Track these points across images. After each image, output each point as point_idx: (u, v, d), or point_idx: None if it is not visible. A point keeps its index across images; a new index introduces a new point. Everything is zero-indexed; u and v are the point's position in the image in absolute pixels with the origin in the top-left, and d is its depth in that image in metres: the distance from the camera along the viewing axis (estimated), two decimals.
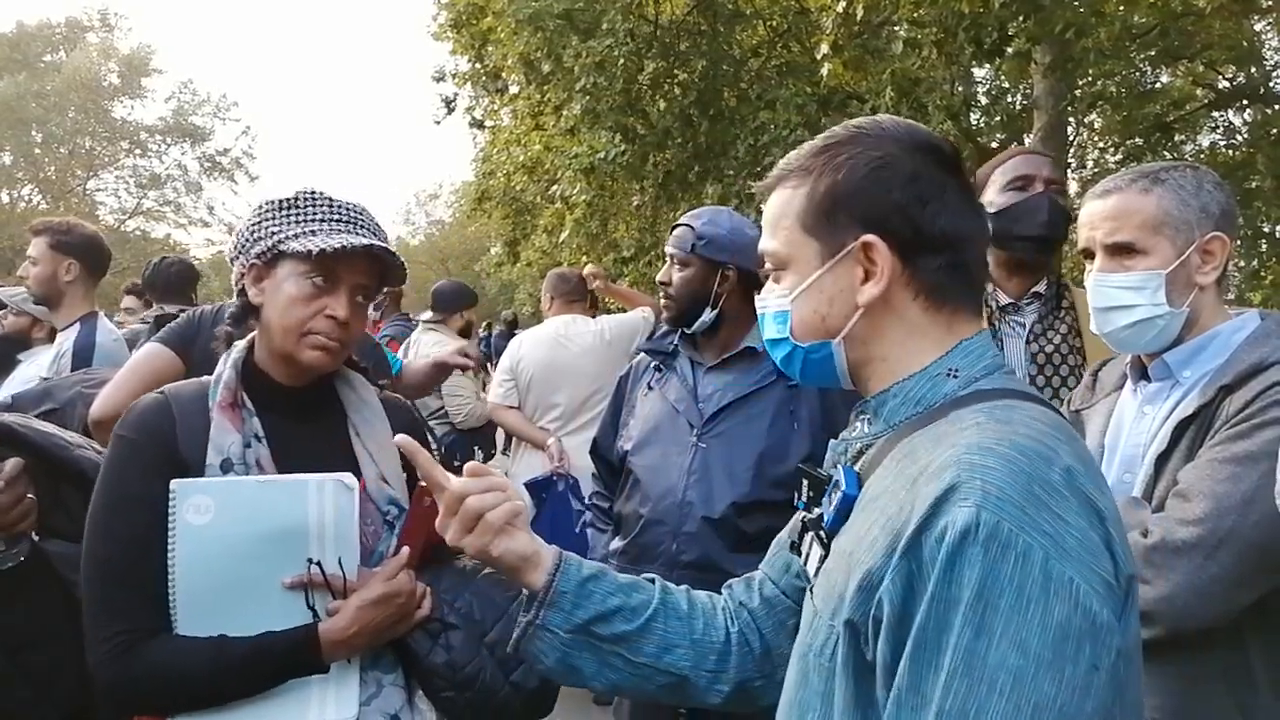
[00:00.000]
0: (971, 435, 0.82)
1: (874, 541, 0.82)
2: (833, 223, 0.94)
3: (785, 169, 1.00)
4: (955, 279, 0.95)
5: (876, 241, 0.92)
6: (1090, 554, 0.75)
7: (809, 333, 0.98)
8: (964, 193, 0.96)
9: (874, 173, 0.93)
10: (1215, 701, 1.34)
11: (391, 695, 1.39)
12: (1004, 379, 0.93)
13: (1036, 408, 0.88)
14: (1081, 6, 6.88)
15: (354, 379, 1.52)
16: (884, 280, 0.93)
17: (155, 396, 1.41)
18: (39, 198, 28.17)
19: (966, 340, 0.95)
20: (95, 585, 1.31)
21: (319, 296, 1.37)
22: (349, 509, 1.36)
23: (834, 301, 0.95)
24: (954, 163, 0.96)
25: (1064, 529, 0.75)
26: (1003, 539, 0.73)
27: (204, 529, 1.28)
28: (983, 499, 0.75)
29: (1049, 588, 0.73)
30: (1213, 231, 1.46)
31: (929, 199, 0.93)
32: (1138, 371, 1.56)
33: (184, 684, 1.29)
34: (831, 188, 0.94)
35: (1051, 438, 0.82)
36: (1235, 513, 1.30)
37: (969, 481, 0.76)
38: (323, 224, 1.38)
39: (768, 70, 9.94)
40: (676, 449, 2.13)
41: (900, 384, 0.95)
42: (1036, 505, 0.75)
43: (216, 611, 1.30)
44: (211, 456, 1.33)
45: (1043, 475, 0.77)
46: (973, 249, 0.96)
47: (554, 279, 4.36)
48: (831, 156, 0.96)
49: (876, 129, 0.97)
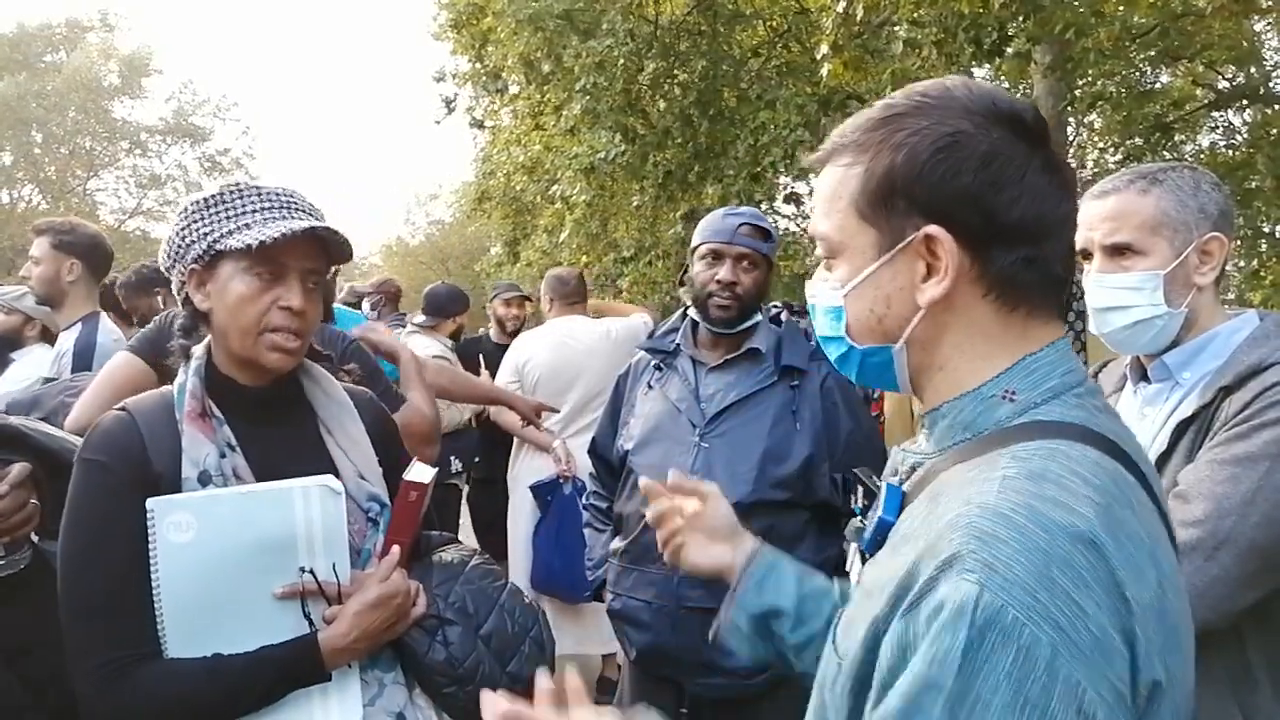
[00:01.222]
0: (991, 494, 0.70)
1: (885, 590, 0.73)
2: (891, 210, 0.82)
3: (840, 142, 0.87)
4: (1033, 275, 0.81)
5: (940, 234, 0.79)
6: (1104, 655, 0.64)
7: (865, 334, 0.86)
8: (1049, 172, 0.81)
9: (941, 153, 0.79)
10: (1216, 702, 1.34)
11: (394, 693, 1.39)
12: (1071, 405, 0.80)
13: (1089, 453, 0.74)
14: (1081, 6, 6.88)
15: (319, 375, 1.48)
16: (948, 278, 0.80)
17: (117, 414, 1.35)
18: (39, 198, 28.14)
19: (1032, 355, 0.82)
20: (78, 616, 1.26)
21: (269, 289, 1.32)
22: (337, 513, 1.33)
23: (891, 301, 0.83)
24: (1039, 134, 0.82)
25: (1081, 621, 0.64)
26: (1005, 626, 0.63)
27: (187, 547, 1.24)
28: (986, 576, 0.65)
29: (1053, 690, 0.62)
30: (1211, 232, 1.47)
31: (1006, 183, 0.79)
32: (1137, 373, 1.56)
33: (181, 708, 1.25)
34: (890, 170, 0.81)
35: (1090, 502, 0.69)
36: (1235, 514, 1.30)
37: (976, 553, 0.66)
38: (256, 215, 1.32)
39: (768, 70, 9.94)
40: (679, 448, 2.13)
41: (952, 402, 0.83)
42: (1051, 591, 0.64)
43: (208, 630, 1.27)
44: (188, 470, 1.29)
45: (1064, 555, 0.66)
46: (1057, 239, 0.82)
47: (552, 281, 4.31)
48: (892, 131, 0.82)
49: (945, 97, 0.82)
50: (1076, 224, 0.86)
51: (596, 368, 3.91)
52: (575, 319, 4.16)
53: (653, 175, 9.81)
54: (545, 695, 0.94)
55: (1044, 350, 0.82)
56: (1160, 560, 0.72)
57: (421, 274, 27.24)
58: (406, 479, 1.39)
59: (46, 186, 28.18)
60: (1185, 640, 0.74)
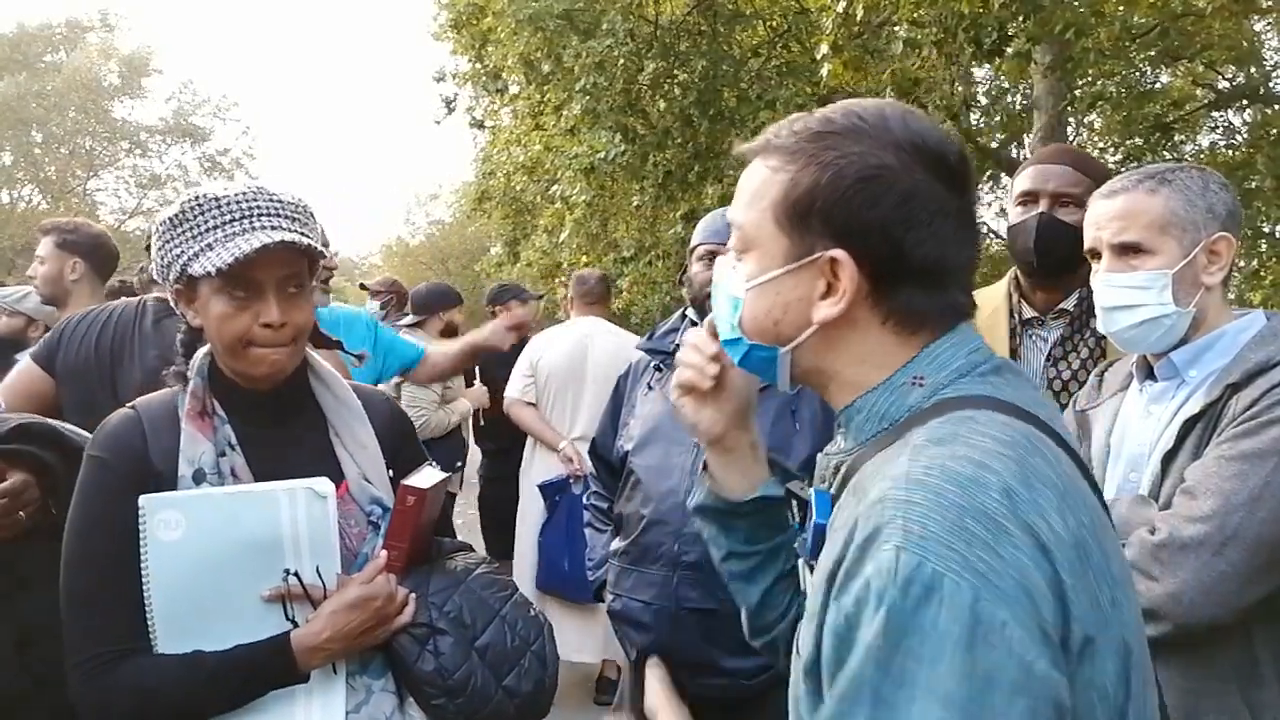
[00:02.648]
0: (903, 464, 0.74)
1: (821, 584, 0.75)
2: (805, 226, 0.84)
3: (774, 142, 0.88)
4: (933, 304, 0.85)
5: (845, 259, 0.82)
6: (1028, 596, 0.66)
7: (758, 333, 0.89)
8: (963, 217, 0.85)
9: (864, 182, 0.82)
10: (1223, 698, 1.35)
11: (381, 701, 1.37)
12: (976, 382, 0.84)
13: (997, 417, 0.78)
14: (1081, 6, 6.88)
15: (327, 377, 1.47)
16: (844, 302, 0.83)
17: (125, 411, 1.37)
18: (39, 198, 28.14)
19: (935, 343, 0.85)
20: (73, 608, 1.28)
21: (247, 306, 1.30)
22: (324, 517, 1.31)
23: (789, 309, 0.87)
24: (961, 179, 0.85)
25: (1000, 566, 0.66)
26: (925, 580, 0.66)
27: (175, 545, 1.25)
28: (903, 539, 0.67)
29: (976, 631, 0.65)
30: (1219, 232, 1.47)
31: (918, 224, 0.82)
32: (1144, 371, 1.56)
33: (158, 702, 1.25)
34: (813, 187, 0.84)
35: (997, 455, 0.72)
36: (1242, 509, 1.31)
37: (891, 522, 0.69)
38: (217, 231, 1.28)
39: (768, 70, 9.94)
40: (678, 449, 2.12)
41: (864, 397, 0.87)
42: (967, 540, 0.67)
43: (195, 628, 1.27)
44: (183, 468, 1.30)
45: (978, 504, 0.68)
46: (956, 283, 0.86)
47: (574, 280, 4.38)
48: (824, 149, 0.84)
49: (881, 126, 0.84)
50: (971, 267, 0.88)
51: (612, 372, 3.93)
52: (596, 320, 4.19)
53: (653, 175, 9.82)
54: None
55: (945, 336, 0.86)
56: (1078, 505, 0.75)
57: (422, 274, 27.23)
58: (405, 484, 1.38)
59: (46, 186, 28.18)
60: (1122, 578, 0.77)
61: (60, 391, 2.32)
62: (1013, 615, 0.65)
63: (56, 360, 2.34)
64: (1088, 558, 0.72)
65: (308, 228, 1.35)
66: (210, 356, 1.39)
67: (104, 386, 2.24)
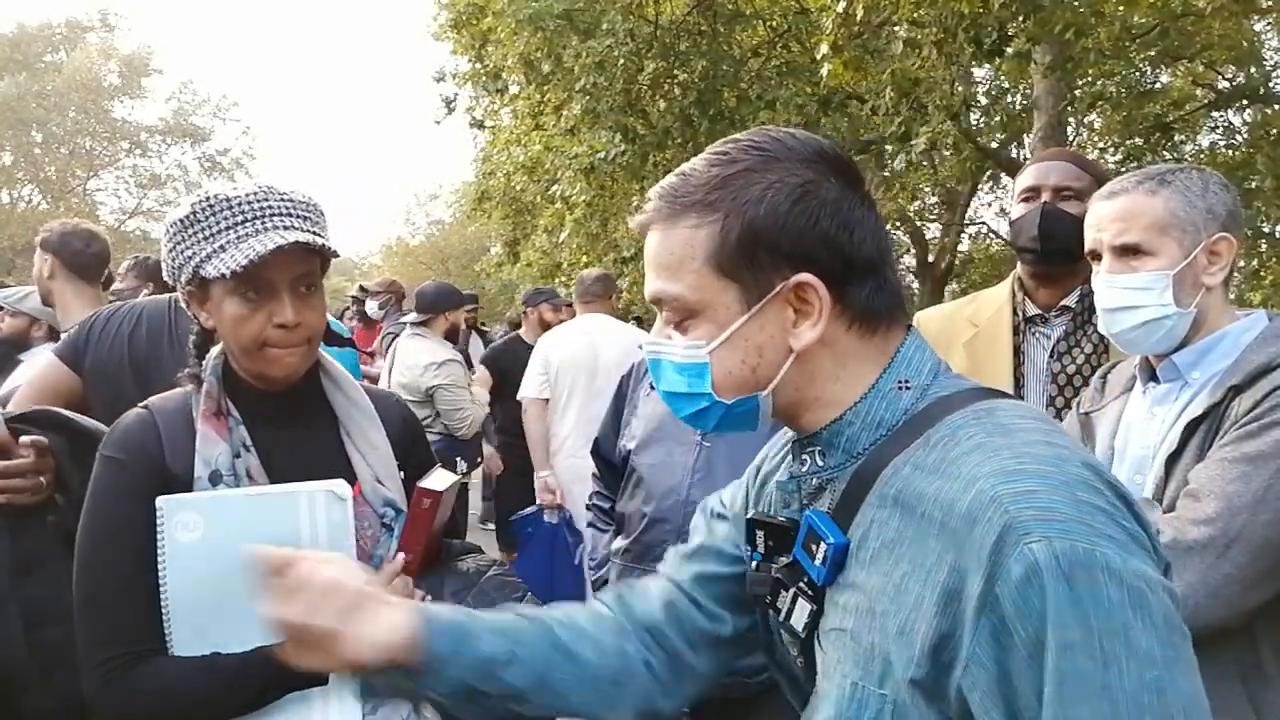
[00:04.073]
0: (985, 461, 0.76)
1: (918, 599, 0.76)
2: (757, 263, 0.84)
3: (676, 201, 0.87)
4: (884, 299, 0.88)
5: (812, 280, 0.83)
6: (1138, 544, 0.73)
7: (736, 387, 0.88)
8: (868, 204, 0.88)
9: (799, 203, 0.83)
10: (1228, 698, 1.34)
11: (397, 702, 1.35)
12: (954, 379, 0.89)
13: (1009, 403, 0.84)
14: (1081, 6, 6.88)
15: (340, 378, 1.47)
16: (822, 319, 0.84)
17: (139, 412, 1.37)
18: (39, 198, 28.14)
19: (901, 347, 0.88)
20: (88, 609, 1.27)
21: (260, 307, 1.29)
22: (342, 520, 1.31)
23: (764, 349, 0.86)
24: (855, 174, 0.88)
25: (1114, 519, 0.73)
26: (1082, 561, 0.69)
27: (193, 546, 1.24)
28: (1045, 528, 0.70)
29: (1139, 587, 0.70)
30: (1219, 232, 1.47)
31: (854, 225, 0.85)
32: (1146, 373, 1.56)
33: (177, 704, 1.25)
34: (752, 224, 0.83)
35: (1046, 433, 0.79)
36: (1247, 512, 1.31)
37: (1019, 515, 0.71)
38: (230, 232, 1.27)
39: (768, 70, 9.95)
40: (680, 448, 2.13)
41: (854, 408, 0.87)
42: (1089, 512, 0.72)
43: (212, 630, 1.26)
44: (199, 469, 1.29)
45: (1074, 476, 0.74)
46: (891, 266, 0.89)
47: (577, 281, 4.47)
48: (744, 186, 0.84)
49: (779, 147, 0.86)
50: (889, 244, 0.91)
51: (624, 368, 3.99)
52: (600, 318, 4.25)
53: (653, 175, 9.81)
54: None
55: (906, 340, 0.89)
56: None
57: (422, 274, 27.24)
58: (420, 485, 1.38)
59: (46, 186, 28.18)
60: None
61: (89, 391, 2.28)
62: (1144, 562, 0.71)
63: (85, 359, 2.31)
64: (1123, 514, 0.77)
65: (319, 227, 1.34)
66: (224, 357, 1.39)
67: (139, 386, 2.17)
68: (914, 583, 0.76)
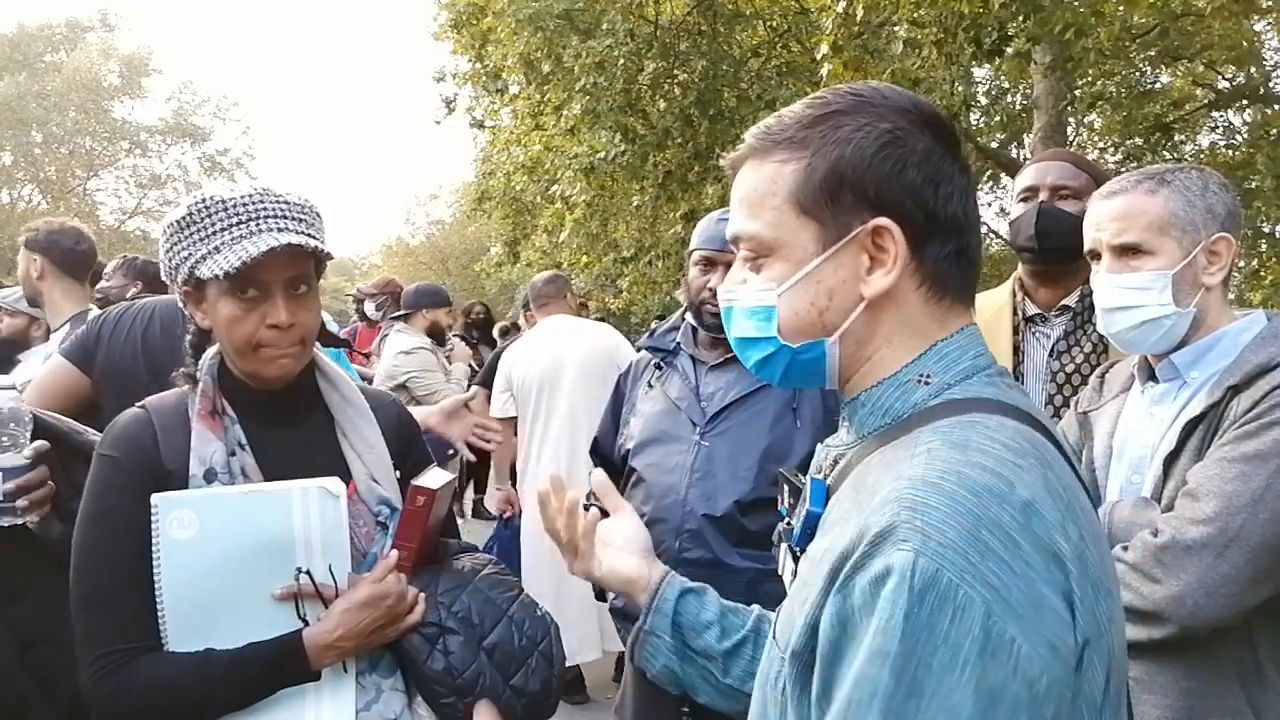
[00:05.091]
0: (919, 465, 0.73)
1: (821, 575, 0.75)
2: (838, 203, 0.83)
3: (768, 138, 0.87)
4: (958, 267, 0.86)
5: (890, 226, 0.82)
6: (1038, 611, 0.67)
7: (802, 330, 0.86)
8: (965, 173, 0.87)
9: (887, 148, 0.82)
10: (1226, 698, 1.35)
11: (391, 700, 1.37)
12: (983, 384, 0.84)
13: (1007, 424, 0.78)
14: (1081, 7, 6.88)
15: (335, 377, 1.48)
16: (896, 269, 0.82)
17: (135, 411, 1.38)
18: (39, 198, 28.13)
19: (945, 340, 0.85)
20: (84, 607, 1.28)
21: (254, 308, 1.31)
22: (336, 516, 1.32)
23: (834, 294, 0.85)
24: (954, 138, 0.87)
25: (1012, 581, 0.66)
26: (941, 589, 0.65)
27: (188, 543, 1.25)
28: (922, 543, 0.67)
29: (987, 648, 0.65)
30: (1219, 232, 1.47)
31: (942, 179, 0.83)
32: (1145, 373, 1.56)
33: (170, 699, 1.26)
34: (838, 162, 0.83)
35: (1012, 466, 0.72)
36: (1245, 511, 1.31)
37: (909, 522, 0.68)
38: (224, 234, 1.28)
39: (768, 70, 9.96)
40: (679, 447, 2.13)
41: (870, 390, 0.86)
42: (982, 552, 0.66)
43: (207, 627, 1.28)
44: (194, 467, 1.30)
45: (993, 517, 0.68)
46: (976, 235, 0.87)
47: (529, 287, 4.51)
48: (834, 127, 0.84)
49: (879, 97, 0.85)
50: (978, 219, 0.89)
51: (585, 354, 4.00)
52: (557, 319, 4.26)
53: (653, 175, 9.83)
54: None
55: (955, 335, 0.86)
56: (1079, 515, 0.75)
57: (422, 274, 27.24)
58: (415, 484, 1.38)
59: (47, 186, 28.18)
60: (1111, 586, 0.77)
61: (99, 391, 2.28)
62: (1021, 632, 0.66)
63: (97, 359, 2.30)
64: (1087, 568, 0.72)
65: (314, 228, 1.35)
66: (219, 356, 1.40)
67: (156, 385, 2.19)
68: (827, 559, 0.76)
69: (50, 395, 2.24)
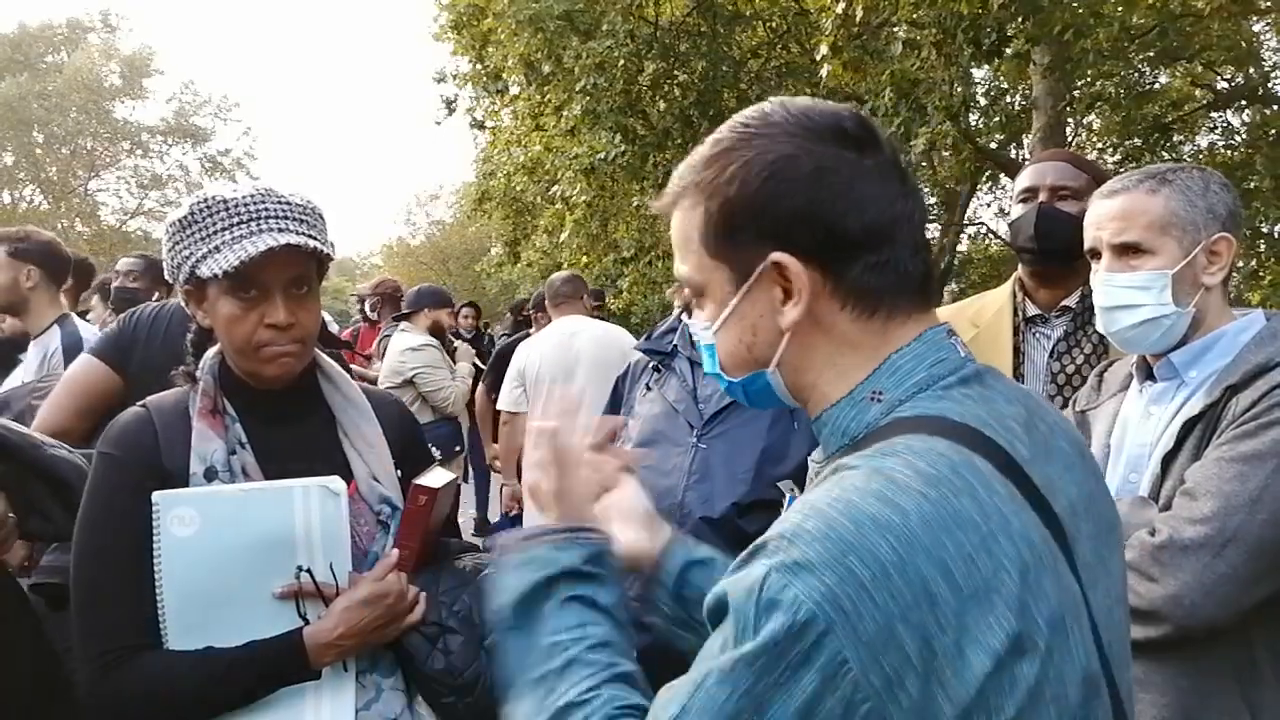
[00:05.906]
0: (820, 491, 0.74)
1: None
2: (737, 243, 0.83)
3: (680, 182, 0.88)
4: (886, 277, 0.82)
5: (786, 259, 0.81)
6: (884, 646, 0.66)
7: (738, 365, 0.88)
8: (881, 173, 0.82)
9: (769, 181, 0.81)
10: (1223, 698, 1.35)
11: (391, 700, 1.37)
12: (936, 398, 0.80)
13: (938, 445, 0.74)
14: (1080, 7, 6.89)
15: (336, 377, 1.48)
16: (804, 299, 0.81)
17: (136, 410, 1.39)
18: (40, 198, 28.15)
19: (896, 353, 0.83)
20: (84, 605, 1.29)
21: (254, 308, 1.31)
22: (336, 514, 1.33)
23: (757, 329, 0.85)
24: (864, 139, 0.82)
25: (868, 610, 0.65)
26: (785, 604, 0.66)
27: (189, 541, 1.26)
28: (779, 561, 0.68)
29: (814, 660, 0.66)
30: (1219, 232, 1.47)
31: (837, 196, 0.80)
32: (1143, 372, 1.56)
33: (171, 697, 1.26)
34: (726, 204, 0.83)
35: (916, 496, 0.70)
36: (1243, 511, 1.31)
37: (776, 540, 0.70)
38: (225, 234, 1.29)
39: (767, 71, 9.98)
40: (677, 449, 2.13)
41: (828, 411, 0.85)
42: (842, 577, 0.66)
43: (207, 625, 1.28)
44: (195, 465, 1.31)
45: (869, 546, 0.67)
46: (901, 239, 0.82)
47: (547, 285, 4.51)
48: (722, 167, 0.83)
49: (764, 124, 0.84)
50: (916, 220, 0.85)
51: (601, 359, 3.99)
52: (574, 318, 4.24)
53: (653, 176, 9.83)
54: None
55: (910, 345, 0.83)
56: (1002, 544, 0.70)
57: (422, 274, 27.26)
58: (416, 483, 1.38)
59: (48, 187, 28.20)
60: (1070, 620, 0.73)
61: (135, 390, 2.25)
62: (857, 659, 0.65)
63: (132, 359, 2.29)
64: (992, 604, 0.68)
65: (315, 229, 1.36)
66: (220, 355, 1.40)
67: None
68: None
69: (82, 394, 2.24)
